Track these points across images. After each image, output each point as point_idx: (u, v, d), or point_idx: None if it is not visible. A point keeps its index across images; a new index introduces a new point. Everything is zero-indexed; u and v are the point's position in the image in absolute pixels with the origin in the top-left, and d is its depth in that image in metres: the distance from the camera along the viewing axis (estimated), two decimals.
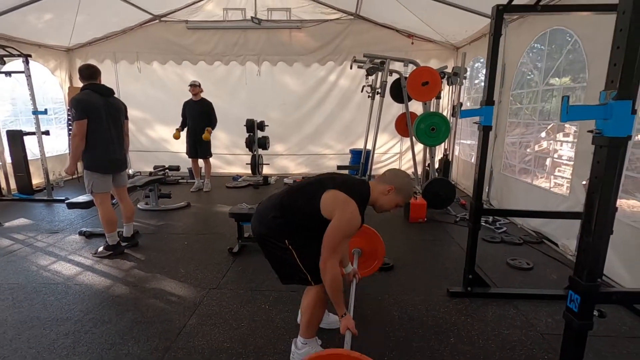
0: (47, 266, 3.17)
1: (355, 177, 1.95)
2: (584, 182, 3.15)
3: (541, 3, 2.21)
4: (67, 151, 6.75)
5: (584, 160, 3.18)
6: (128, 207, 3.61)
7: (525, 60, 4.34)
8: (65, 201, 3.89)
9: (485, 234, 3.88)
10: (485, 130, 2.41)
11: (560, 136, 4.92)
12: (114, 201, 3.58)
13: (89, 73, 3.21)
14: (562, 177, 4.16)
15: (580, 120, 1.39)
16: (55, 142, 6.79)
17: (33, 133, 5.44)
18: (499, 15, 2.25)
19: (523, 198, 4.25)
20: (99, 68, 3.30)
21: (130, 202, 3.65)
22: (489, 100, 2.34)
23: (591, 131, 1.32)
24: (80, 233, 3.92)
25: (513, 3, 2.20)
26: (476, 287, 2.69)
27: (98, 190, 3.25)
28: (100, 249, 3.42)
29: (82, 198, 3.71)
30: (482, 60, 5.68)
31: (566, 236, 3.47)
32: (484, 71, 6.04)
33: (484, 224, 4.20)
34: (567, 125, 4.65)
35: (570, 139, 5.10)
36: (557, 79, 3.93)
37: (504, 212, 4.13)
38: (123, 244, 3.53)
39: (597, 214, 1.33)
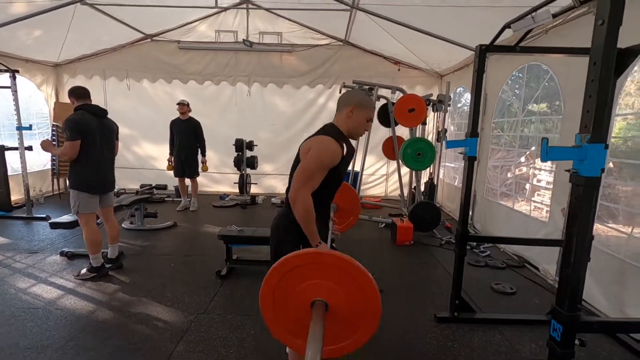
0: (27, 289, 3.06)
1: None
2: (562, 208, 3.30)
3: (520, 44, 2.38)
4: (50, 167, 6.60)
5: (562, 187, 3.34)
6: (113, 227, 3.56)
7: (506, 90, 4.59)
8: (48, 220, 3.79)
9: (470, 258, 3.97)
10: (470, 161, 2.52)
11: (539, 162, 5.15)
12: (98, 221, 3.51)
13: (82, 92, 3.22)
14: (542, 204, 4.34)
15: (559, 160, 1.50)
16: (38, 157, 6.64)
17: (15, 148, 5.32)
18: (482, 54, 2.41)
19: (505, 222, 4.40)
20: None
21: (115, 223, 3.60)
22: (473, 132, 2.48)
23: (568, 170, 1.42)
24: (62, 254, 3.80)
25: (495, 43, 2.36)
26: (462, 312, 2.74)
27: (84, 210, 3.20)
28: (83, 270, 3.33)
29: (65, 218, 3.63)
30: (463, 86, 5.95)
31: (547, 261, 3.60)
32: (465, 95, 6.36)
33: (468, 247, 4.31)
34: None
35: (549, 164, 5.36)
36: (535, 105, 4.17)
37: (489, 239, 4.23)
38: (107, 265, 3.45)
39: (575, 247, 1.43)
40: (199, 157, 5.92)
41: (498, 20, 3.35)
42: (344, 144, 1.75)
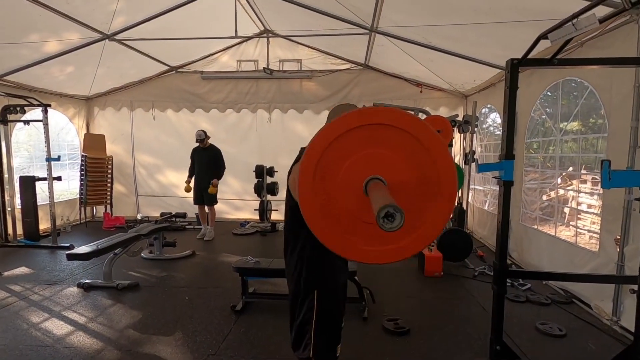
0: (39, 324, 2.97)
1: None
2: (616, 237, 2.90)
3: (557, 57, 2.15)
4: (78, 196, 6.77)
5: (613, 213, 2.95)
6: None
7: (538, 109, 4.28)
8: (66, 252, 3.76)
9: (509, 292, 3.55)
10: (506, 186, 2.26)
11: (577, 183, 4.72)
12: (116, 251, 3.42)
13: None
14: (585, 229, 3.91)
15: (626, 187, 1.24)
16: (68, 187, 6.86)
17: (45, 178, 5.48)
18: (514, 69, 2.19)
19: (546, 252, 3.97)
20: None
21: None
22: (508, 154, 2.22)
23: (638, 199, 1.16)
24: (79, 285, 3.75)
25: (528, 57, 2.14)
26: None
27: None
28: None
29: (82, 249, 3.59)
30: (489, 105, 5.68)
31: (600, 297, 3.16)
32: (492, 115, 6.05)
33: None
34: (583, 171, 4.49)
35: (589, 185, 4.90)
36: (571, 123, 3.85)
37: (534, 275, 3.60)
38: None
39: None
40: (218, 184, 5.89)
41: (526, 35, 3.13)
42: None
